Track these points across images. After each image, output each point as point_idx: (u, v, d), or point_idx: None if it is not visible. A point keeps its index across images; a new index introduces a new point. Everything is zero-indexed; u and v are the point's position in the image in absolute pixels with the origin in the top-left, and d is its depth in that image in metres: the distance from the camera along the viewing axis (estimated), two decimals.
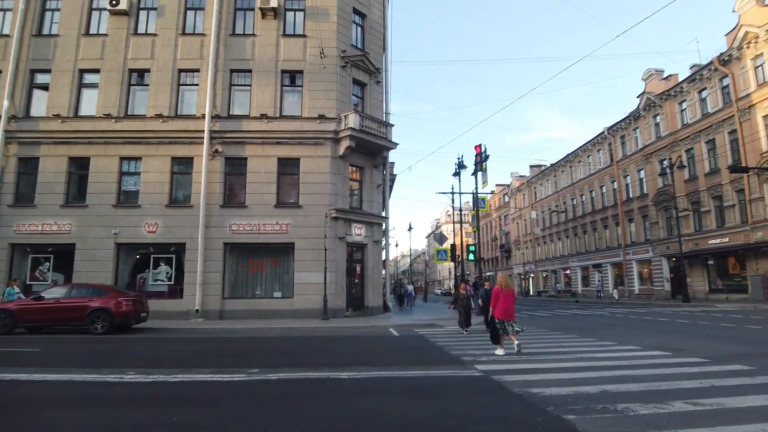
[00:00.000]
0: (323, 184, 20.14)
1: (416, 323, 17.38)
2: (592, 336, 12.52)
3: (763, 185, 28.52)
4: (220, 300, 19.45)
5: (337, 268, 19.86)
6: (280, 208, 20.03)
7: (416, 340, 12.68)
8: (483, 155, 20.00)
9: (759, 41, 28.79)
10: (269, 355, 10.19)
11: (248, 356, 10.00)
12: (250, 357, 9.86)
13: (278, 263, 20.20)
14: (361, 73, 22.27)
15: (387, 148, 21.86)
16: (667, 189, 36.44)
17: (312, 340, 12.91)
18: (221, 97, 20.76)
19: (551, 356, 9.07)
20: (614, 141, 44.62)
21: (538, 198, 61.19)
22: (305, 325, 16.62)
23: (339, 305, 19.74)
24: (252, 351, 10.97)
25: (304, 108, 20.77)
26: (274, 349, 11.24)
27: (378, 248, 22.02)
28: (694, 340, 11.17)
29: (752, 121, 29.31)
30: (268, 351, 10.96)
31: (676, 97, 36.23)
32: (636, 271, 41.67)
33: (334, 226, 19.95)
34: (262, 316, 19.16)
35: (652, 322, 16.87)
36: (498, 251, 75.54)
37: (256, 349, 11.39)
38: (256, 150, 20.39)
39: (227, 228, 19.79)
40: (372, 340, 12.97)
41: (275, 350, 11.09)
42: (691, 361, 8.14)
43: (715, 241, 32.06)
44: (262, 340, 13.22)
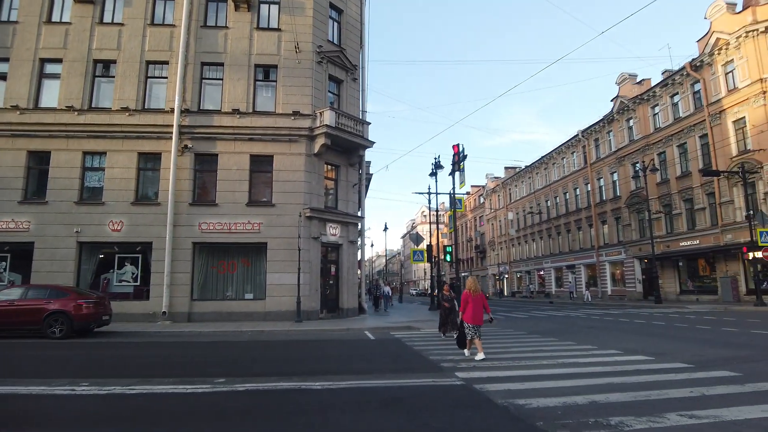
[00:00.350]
0: (297, 182, 19.55)
1: (392, 326, 16.96)
2: (572, 339, 12.30)
3: (732, 189, 29.04)
4: (189, 302, 18.67)
5: (311, 269, 19.30)
6: (253, 207, 19.36)
7: (393, 344, 12.24)
8: (461, 155, 19.71)
9: (730, 48, 29.31)
10: (237, 362, 9.61)
11: (215, 363, 9.40)
12: (217, 364, 9.26)
13: (250, 264, 19.52)
14: (337, 70, 21.75)
15: (363, 147, 21.40)
16: (639, 191, 36.93)
17: (284, 345, 12.35)
18: (191, 90, 19.96)
19: (533, 362, 8.74)
20: (588, 144, 45.09)
21: (512, 199, 61.56)
22: (277, 328, 16.03)
23: (313, 307, 19.18)
24: (219, 357, 10.37)
25: (278, 104, 20.14)
26: (243, 355, 10.65)
27: (353, 248, 21.53)
28: (674, 344, 11.02)
29: (722, 126, 29.85)
30: (237, 357, 10.37)
31: (649, 101, 36.75)
32: (609, 272, 42.16)
33: (308, 225, 19.38)
34: (233, 318, 18.47)
35: (628, 324, 16.82)
36: (473, 252, 75.83)
37: (224, 354, 10.79)
38: (227, 146, 19.68)
39: (197, 227, 19.03)
40: (347, 344, 12.48)
41: (244, 356, 10.50)
42: (675, 367, 7.91)
43: (686, 243, 32.57)
44: (231, 344, 12.59)
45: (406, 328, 16.29)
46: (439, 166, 26.72)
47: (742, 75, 28.60)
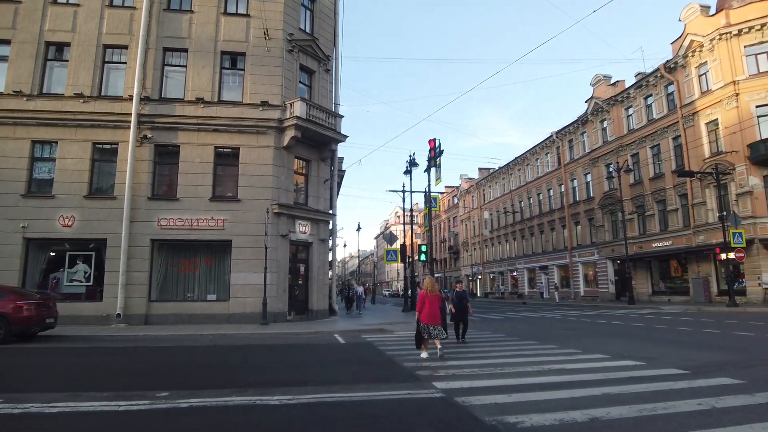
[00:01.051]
0: (265, 176, 18.48)
1: (364, 328, 16.08)
2: (553, 342, 11.62)
3: (705, 190, 29.15)
4: (146, 303, 17.40)
5: (279, 269, 18.25)
6: (217, 202, 18.21)
7: (364, 348, 11.36)
8: (437, 150, 18.97)
9: (703, 50, 29.44)
10: (189, 371, 8.56)
11: (163, 373, 8.35)
12: (165, 374, 8.22)
13: (213, 263, 18.36)
14: (309, 60, 20.76)
15: (335, 141, 20.45)
16: (612, 192, 36.97)
17: (246, 350, 11.33)
18: (152, 77, 18.68)
19: (517, 369, 7.98)
20: (562, 145, 45.10)
21: (486, 200, 61.39)
22: (241, 331, 14.95)
23: (280, 309, 18.13)
24: (170, 365, 9.30)
25: (246, 93, 19.04)
26: (197, 363, 9.61)
27: (324, 247, 20.56)
28: (660, 347, 10.45)
29: (696, 128, 29.96)
30: (190, 365, 9.32)
31: (623, 102, 36.83)
32: (582, 273, 42.17)
33: (276, 222, 18.32)
34: (194, 320, 17.29)
35: (607, 326, 16.33)
36: (446, 253, 75.52)
37: (176, 362, 9.73)
38: (190, 137, 18.47)
39: (155, 223, 17.77)
40: (314, 349, 11.55)
41: (199, 364, 9.46)
42: (670, 374, 7.25)
43: (659, 244, 32.64)
44: (187, 350, 11.51)
45: (378, 331, 15.42)
46: (414, 163, 25.95)
47: (715, 77, 28.74)
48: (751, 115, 26.79)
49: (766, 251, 25.63)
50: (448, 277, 75.72)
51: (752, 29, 27.31)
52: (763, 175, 26.29)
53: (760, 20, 27.04)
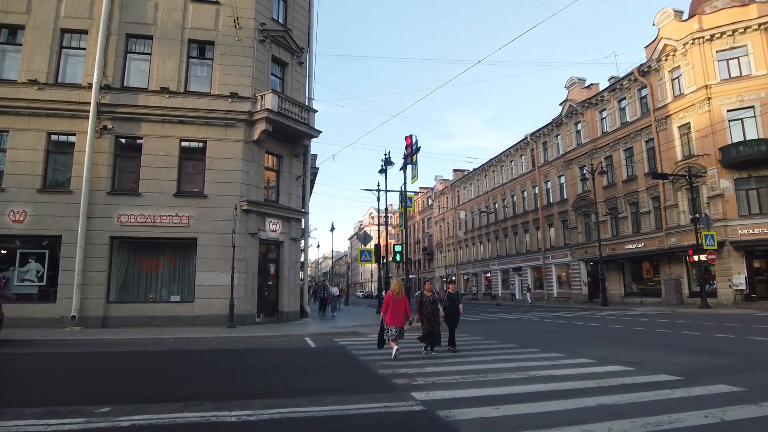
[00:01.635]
0: (233, 171, 17.59)
1: (337, 331, 15.37)
2: (534, 346, 11.14)
3: (677, 193, 29.39)
4: (104, 304, 16.31)
5: (248, 268, 17.39)
6: (181, 198, 17.23)
7: (336, 353, 10.67)
8: (414, 147, 18.39)
9: (677, 54, 29.70)
10: (141, 381, 7.70)
11: (110, 383, 7.48)
12: (113, 384, 7.36)
13: (177, 262, 17.37)
14: (281, 51, 19.94)
15: (309, 136, 19.68)
16: (586, 195, 37.12)
17: (208, 355, 10.51)
18: (114, 65, 17.58)
19: (500, 375, 7.42)
20: (536, 147, 45.19)
21: (461, 201, 61.26)
22: (205, 334, 14.06)
23: (249, 311, 17.27)
24: (120, 374, 8.42)
25: (214, 84, 18.11)
26: (152, 370, 8.76)
27: (296, 247, 19.75)
28: (645, 350, 10.06)
29: (668, 131, 30.21)
30: (143, 373, 8.45)
31: (597, 105, 37.02)
32: (555, 274, 42.26)
33: (245, 219, 17.46)
34: (156, 323, 16.28)
35: (584, 328, 16.01)
36: (421, 254, 75.24)
37: (128, 370, 8.84)
38: (154, 129, 17.44)
39: (115, 219, 16.69)
40: (283, 354, 10.79)
41: (153, 372, 8.62)
42: (664, 380, 6.80)
43: (632, 246, 32.83)
44: (143, 356, 10.60)
45: (351, 334, 14.73)
46: (390, 162, 25.33)
47: (688, 81, 29.01)
48: (722, 118, 27.09)
49: (736, 253, 25.90)
50: (422, 278, 75.43)
51: (724, 35, 27.65)
52: (734, 178, 26.60)
53: (731, 26, 27.40)
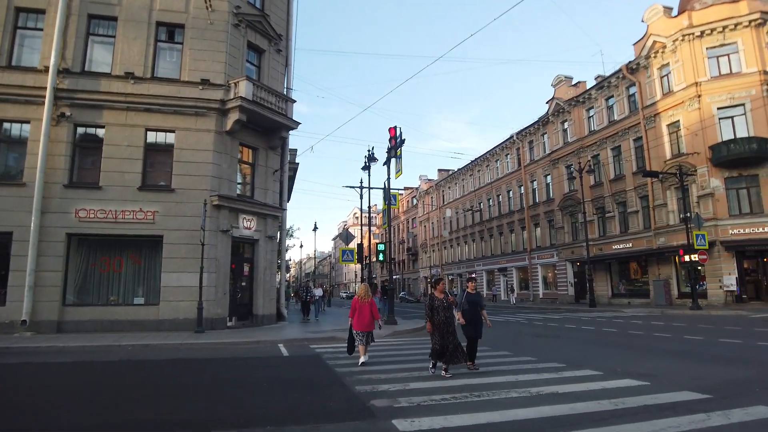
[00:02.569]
0: (204, 164, 16.32)
1: (314, 336, 14.23)
2: (529, 353, 10.13)
3: (666, 192, 28.82)
4: (59, 308, 14.92)
5: (219, 268, 16.14)
6: (147, 192, 15.91)
7: (310, 363, 9.54)
8: (398, 139, 17.31)
9: (666, 51, 29.16)
10: (66, 402, 6.40)
11: (24, 406, 6.21)
12: (27, 408, 6.09)
13: (142, 261, 16.05)
14: (258, 37, 18.71)
15: (286, 127, 18.47)
16: (573, 194, 36.50)
17: (162, 367, 9.30)
18: (74, 47, 16.18)
19: (498, 393, 6.39)
20: (522, 146, 44.52)
21: (446, 201, 60.44)
22: (168, 341, 12.81)
23: (220, 314, 16.03)
24: (45, 393, 7.14)
25: (184, 70, 16.82)
26: (87, 387, 7.52)
27: (272, 245, 18.52)
28: (654, 359, 9.12)
29: (657, 129, 29.66)
30: (76, 391, 7.18)
31: (585, 103, 36.41)
32: (540, 275, 41.59)
33: (216, 216, 16.21)
34: (117, 328, 14.96)
35: (578, 331, 15.13)
36: (405, 254, 74.30)
37: (59, 386, 7.60)
38: (117, 117, 16.10)
39: (73, 214, 15.31)
40: (250, 364, 9.63)
41: (88, 389, 7.37)
42: (691, 400, 5.82)
43: (619, 246, 32.23)
44: (86, 368, 9.33)
45: (329, 340, 13.60)
46: (373, 158, 24.18)
47: (677, 78, 28.47)
48: (712, 116, 26.58)
49: (727, 254, 25.36)
50: (406, 279, 74.50)
51: (714, 31, 27.14)
52: (725, 177, 26.08)
53: (721, 22, 26.90)
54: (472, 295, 8.93)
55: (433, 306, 8.11)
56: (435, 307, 8.09)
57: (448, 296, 8.28)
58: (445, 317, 7.95)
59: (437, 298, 8.18)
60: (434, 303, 8.13)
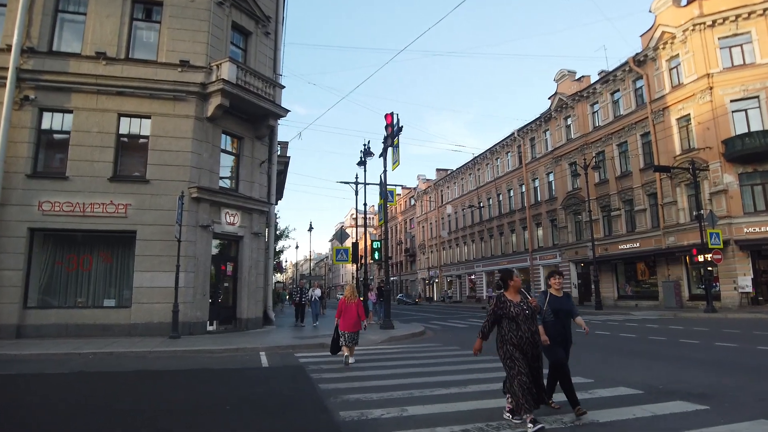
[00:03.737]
0: (182, 152, 14.88)
1: (300, 343, 12.79)
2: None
3: (676, 189, 27.49)
4: (19, 310, 13.44)
5: (198, 267, 14.70)
6: (119, 183, 14.46)
7: (291, 377, 8.10)
8: (395, 127, 15.93)
9: (675, 42, 27.86)
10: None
11: None
12: None
13: (112, 259, 14.60)
14: (244, 18, 17.31)
15: (274, 115, 17.05)
16: (576, 192, 35.17)
17: (116, 382, 7.87)
18: (40, 24, 14.74)
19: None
20: (524, 143, 43.19)
21: (444, 201, 59.05)
22: (136, 348, 11.37)
23: (199, 317, 14.58)
24: None
25: (162, 50, 15.40)
26: (19, 407, 6.11)
27: (258, 243, 17.09)
28: (693, 372, 7.75)
29: (666, 124, 28.35)
30: None
31: (589, 98, 35.08)
32: (543, 276, 40.16)
33: (195, 210, 14.77)
34: (84, 333, 13.50)
35: (592, 337, 13.59)
36: (402, 255, 72.88)
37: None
38: (87, 101, 14.65)
39: (36, 207, 13.84)
40: (221, 378, 8.19)
41: (19, 411, 5.97)
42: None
43: (626, 246, 30.88)
44: (28, 381, 7.90)
45: (318, 347, 12.16)
46: (369, 152, 22.84)
47: (687, 70, 27.17)
48: (725, 109, 25.27)
49: (741, 253, 24.03)
50: (403, 280, 73.07)
51: (726, 20, 25.86)
52: (739, 172, 24.76)
53: (734, 11, 25.62)
54: (558, 298, 5.69)
55: (509, 315, 5.04)
56: (512, 316, 5.02)
57: (527, 298, 5.26)
58: (530, 332, 5.06)
59: (511, 301, 5.12)
60: (510, 310, 5.05)
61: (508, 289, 5.26)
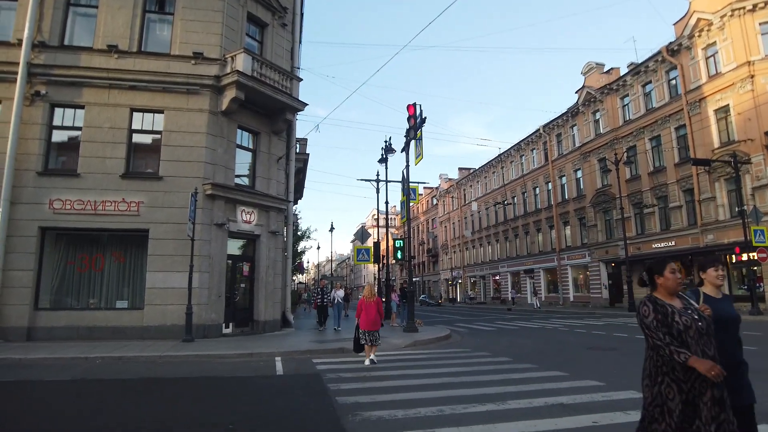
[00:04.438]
0: (196, 148, 14.29)
1: (319, 348, 12.03)
2: (594, 377, 7.70)
3: (714, 184, 25.98)
4: (30, 312, 13.00)
5: (213, 268, 14.07)
6: (131, 180, 13.93)
7: (305, 388, 7.33)
8: (418, 118, 15.07)
9: (712, 29, 26.37)
10: None
11: None
12: None
13: (125, 259, 14.08)
14: (260, 9, 16.68)
15: (292, 109, 16.37)
16: (606, 189, 33.80)
17: (116, 388, 7.23)
18: (51, 18, 14.32)
19: None
20: (550, 139, 41.84)
21: (467, 201, 57.87)
22: (146, 352, 10.77)
23: (214, 320, 13.95)
24: None
25: (175, 43, 14.85)
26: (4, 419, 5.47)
27: (276, 242, 16.41)
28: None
29: (703, 116, 26.85)
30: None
31: (619, 91, 33.67)
32: (571, 276, 38.82)
33: (209, 207, 14.17)
34: (96, 335, 12.99)
35: (633, 341, 12.62)
36: (425, 256, 71.87)
37: None
38: (99, 96, 14.17)
39: (47, 205, 13.40)
40: (225, 389, 7.42)
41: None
42: None
43: (660, 245, 29.41)
44: (25, 388, 7.30)
45: (337, 352, 11.41)
46: (390, 149, 22.09)
47: (726, 58, 25.66)
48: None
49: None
50: (426, 281, 72.05)
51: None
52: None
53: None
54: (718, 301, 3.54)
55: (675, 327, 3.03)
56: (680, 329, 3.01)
57: (690, 302, 3.25)
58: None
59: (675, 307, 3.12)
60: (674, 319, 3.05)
61: (656, 288, 3.31)
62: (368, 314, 9.63)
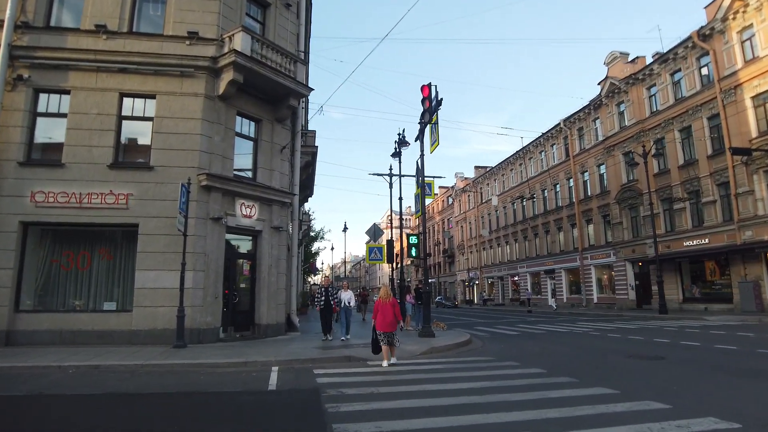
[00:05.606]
0: (190, 135, 13.07)
1: (324, 356, 10.69)
2: (650, 395, 6.24)
3: (752, 176, 24.12)
4: (9, 314, 11.87)
5: (209, 266, 12.83)
6: (119, 170, 12.76)
7: (298, 409, 5.99)
8: (433, 101, 13.70)
9: (748, 10, 24.55)
10: None
11: None
12: None
13: (113, 256, 12.91)
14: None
15: (296, 94, 15.07)
16: (632, 184, 32.03)
17: (68, 408, 5.97)
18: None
19: None
20: (571, 133, 40.09)
21: (484, 199, 56.20)
22: (128, 360, 9.54)
23: (209, 323, 12.71)
24: None
25: (169, 22, 13.66)
26: None
27: (280, 238, 15.12)
28: None
29: (738, 104, 25.00)
30: None
31: (645, 81, 31.88)
32: (594, 277, 37.02)
33: (205, 200, 12.94)
34: (81, 340, 11.86)
35: (679, 349, 11.06)
36: (441, 256, 70.29)
37: None
38: (86, 79, 13.04)
39: (28, 198, 12.29)
40: (206, 408, 6.14)
41: None
42: None
43: (692, 243, 27.57)
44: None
45: (343, 361, 10.07)
46: (404, 142, 20.68)
47: (764, 41, 23.84)
48: None
49: None
50: (442, 282, 70.45)
51: None
52: None
53: None
54: None
55: None
56: None
57: None
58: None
59: None
60: None
61: None
62: (385, 315, 9.48)
